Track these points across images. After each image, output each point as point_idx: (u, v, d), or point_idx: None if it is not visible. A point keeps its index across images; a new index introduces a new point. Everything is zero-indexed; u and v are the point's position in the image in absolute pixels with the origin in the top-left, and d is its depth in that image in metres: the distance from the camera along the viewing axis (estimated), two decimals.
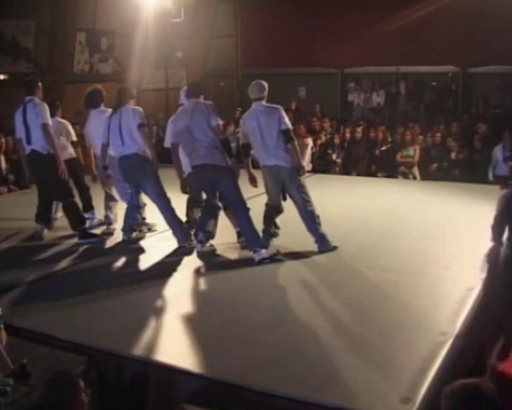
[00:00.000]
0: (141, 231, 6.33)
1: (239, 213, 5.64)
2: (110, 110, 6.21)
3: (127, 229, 6.04)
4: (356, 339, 3.87)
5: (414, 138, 10.71)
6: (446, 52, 12.63)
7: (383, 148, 11.01)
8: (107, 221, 6.52)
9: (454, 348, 3.68)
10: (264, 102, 5.72)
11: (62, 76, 12.45)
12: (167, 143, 6.18)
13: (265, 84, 5.77)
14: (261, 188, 5.85)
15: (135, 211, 6.07)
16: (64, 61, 12.67)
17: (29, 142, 6.13)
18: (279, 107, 5.74)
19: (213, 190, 5.75)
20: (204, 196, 5.96)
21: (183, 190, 5.89)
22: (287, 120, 5.67)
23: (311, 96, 14.48)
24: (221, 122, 5.67)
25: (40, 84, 6.31)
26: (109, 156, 6.17)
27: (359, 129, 11.36)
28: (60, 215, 6.79)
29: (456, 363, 3.66)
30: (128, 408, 3.59)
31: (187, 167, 5.81)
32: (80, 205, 6.53)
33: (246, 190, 5.80)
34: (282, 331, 4.01)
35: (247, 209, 5.60)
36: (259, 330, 4.04)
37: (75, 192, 6.52)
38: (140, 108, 6.05)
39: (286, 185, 5.70)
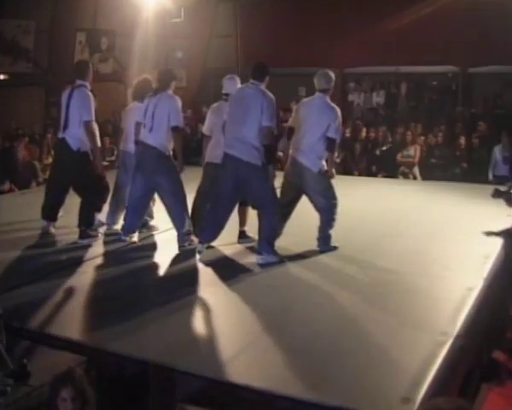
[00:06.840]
0: (140, 231, 6.31)
1: (268, 214, 5.33)
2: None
3: (127, 229, 6.03)
4: (356, 339, 3.87)
5: (414, 138, 10.72)
6: (446, 52, 12.63)
7: (383, 148, 11.01)
8: (108, 221, 6.48)
9: (454, 348, 3.68)
10: (326, 97, 5.49)
11: (62, 76, 12.44)
12: (206, 130, 6.05)
13: (333, 76, 5.49)
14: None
15: (134, 213, 5.98)
16: (64, 61, 12.66)
17: (64, 129, 5.95)
18: (337, 111, 5.43)
19: (237, 189, 5.36)
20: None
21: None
22: (337, 128, 5.42)
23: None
24: (270, 124, 5.14)
25: (91, 66, 6.12)
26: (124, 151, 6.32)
27: (359, 129, 11.37)
28: (60, 215, 6.78)
29: (457, 363, 3.66)
30: (128, 409, 3.58)
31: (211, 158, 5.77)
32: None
33: None
34: (283, 332, 4.01)
35: (278, 213, 5.40)
36: (259, 331, 4.04)
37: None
38: (178, 102, 5.70)
39: (305, 188, 5.55)
